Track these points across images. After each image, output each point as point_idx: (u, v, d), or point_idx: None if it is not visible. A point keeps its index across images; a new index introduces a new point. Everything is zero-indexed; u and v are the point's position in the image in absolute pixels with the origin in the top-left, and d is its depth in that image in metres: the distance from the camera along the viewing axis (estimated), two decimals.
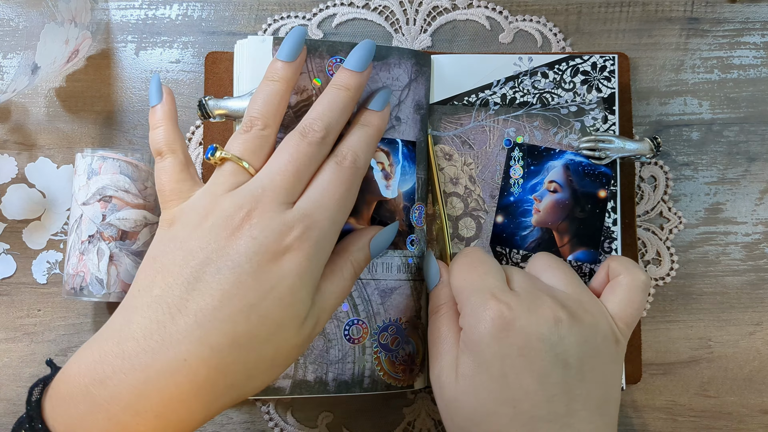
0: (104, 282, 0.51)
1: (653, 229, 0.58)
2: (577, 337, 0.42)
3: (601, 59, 0.55)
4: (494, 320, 0.42)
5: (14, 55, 0.59)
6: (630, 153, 0.53)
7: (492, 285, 0.44)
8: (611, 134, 0.54)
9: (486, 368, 0.42)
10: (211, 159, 0.43)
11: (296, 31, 0.46)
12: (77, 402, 0.37)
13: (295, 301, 0.41)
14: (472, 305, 0.44)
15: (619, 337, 0.45)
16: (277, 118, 0.45)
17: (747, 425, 0.57)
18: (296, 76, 0.47)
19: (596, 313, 0.45)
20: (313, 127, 0.44)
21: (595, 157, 0.54)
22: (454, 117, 0.54)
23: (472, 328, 0.43)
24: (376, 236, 0.48)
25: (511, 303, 0.43)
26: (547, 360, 0.41)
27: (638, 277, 0.46)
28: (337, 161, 0.44)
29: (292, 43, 0.46)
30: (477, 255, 0.48)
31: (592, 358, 0.43)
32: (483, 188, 0.54)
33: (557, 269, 0.47)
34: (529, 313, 0.42)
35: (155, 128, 0.45)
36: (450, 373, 0.44)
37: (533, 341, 0.42)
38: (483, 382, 0.42)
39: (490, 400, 0.42)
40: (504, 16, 0.59)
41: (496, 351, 0.42)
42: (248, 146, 0.43)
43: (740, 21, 0.60)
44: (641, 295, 0.46)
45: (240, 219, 0.40)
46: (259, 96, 0.45)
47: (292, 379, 0.51)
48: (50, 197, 0.58)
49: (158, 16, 0.59)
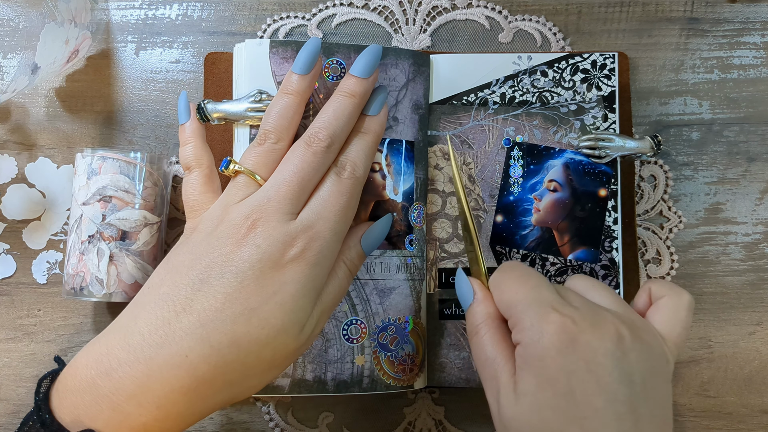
0: (104, 282, 0.51)
1: (653, 228, 0.58)
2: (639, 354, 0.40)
3: (601, 57, 0.55)
4: (559, 334, 0.40)
5: (14, 55, 0.59)
6: (630, 151, 0.53)
7: (549, 298, 0.42)
8: (611, 133, 0.54)
9: (550, 384, 0.39)
10: (225, 172, 0.45)
11: (312, 42, 0.47)
12: (83, 393, 0.39)
13: (297, 308, 0.42)
14: (532, 319, 0.41)
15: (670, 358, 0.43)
16: (290, 132, 0.46)
17: (747, 425, 0.57)
18: (311, 88, 0.48)
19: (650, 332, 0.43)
20: (318, 136, 0.45)
21: (595, 155, 0.54)
22: (453, 116, 0.54)
23: (534, 343, 0.40)
24: (366, 232, 0.49)
25: (574, 316, 0.40)
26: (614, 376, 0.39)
27: (684, 297, 0.45)
28: (337, 172, 0.46)
29: (307, 56, 0.47)
30: (522, 268, 0.46)
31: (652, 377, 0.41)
32: (482, 188, 0.54)
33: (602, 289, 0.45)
34: (593, 328, 0.40)
35: (185, 144, 0.48)
36: (508, 392, 0.41)
37: (599, 356, 0.39)
38: (547, 400, 0.39)
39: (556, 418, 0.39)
40: (503, 16, 0.59)
41: (562, 366, 0.39)
42: (261, 159, 0.45)
43: (740, 21, 0.60)
44: (688, 315, 0.44)
45: (246, 228, 0.42)
46: (274, 109, 0.46)
47: (291, 378, 0.51)
48: (50, 197, 0.58)
49: (158, 16, 0.59)
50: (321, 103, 0.51)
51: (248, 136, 0.51)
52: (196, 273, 0.41)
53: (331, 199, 0.45)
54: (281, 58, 0.51)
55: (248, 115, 0.50)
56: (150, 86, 0.59)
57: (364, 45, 0.50)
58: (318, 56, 0.47)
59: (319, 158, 0.45)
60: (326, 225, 0.44)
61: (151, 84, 0.59)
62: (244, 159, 0.46)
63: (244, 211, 0.43)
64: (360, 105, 0.47)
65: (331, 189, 0.45)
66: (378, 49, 0.47)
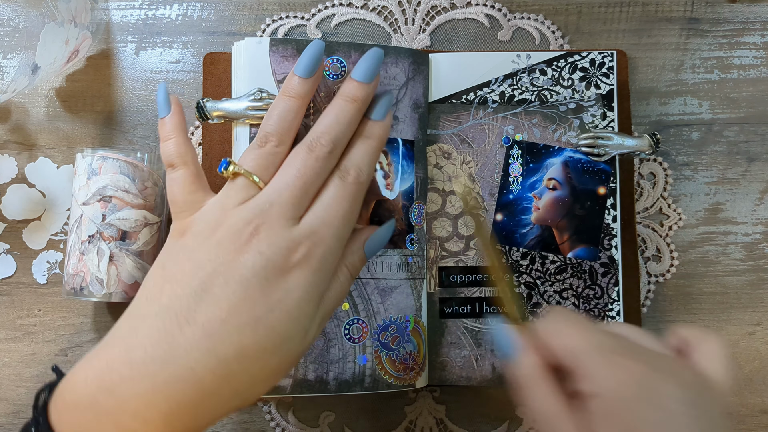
0: (104, 282, 0.51)
1: (653, 225, 0.58)
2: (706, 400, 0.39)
3: (600, 56, 0.55)
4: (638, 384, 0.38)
5: (14, 55, 0.59)
6: (629, 149, 0.53)
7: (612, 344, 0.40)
8: (610, 131, 0.54)
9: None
10: (224, 173, 0.43)
11: (315, 45, 0.46)
12: (84, 410, 0.38)
13: (301, 315, 0.41)
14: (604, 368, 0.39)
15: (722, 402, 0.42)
16: (291, 134, 0.45)
17: (747, 425, 0.57)
18: (313, 91, 0.47)
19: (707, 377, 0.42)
20: (320, 141, 0.44)
21: (594, 153, 0.54)
22: (452, 115, 0.54)
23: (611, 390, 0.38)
24: (370, 237, 0.48)
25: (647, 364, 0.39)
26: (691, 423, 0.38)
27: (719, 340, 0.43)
28: (341, 176, 0.45)
29: (309, 59, 0.46)
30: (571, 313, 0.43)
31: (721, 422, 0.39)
32: (482, 186, 0.54)
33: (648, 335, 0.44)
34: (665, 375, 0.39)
35: (166, 140, 0.45)
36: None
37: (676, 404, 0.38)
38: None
39: None
40: (503, 14, 0.59)
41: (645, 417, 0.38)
42: (261, 162, 0.44)
43: (740, 21, 0.60)
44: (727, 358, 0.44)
45: (248, 234, 0.41)
46: (275, 111, 0.45)
47: (292, 378, 0.51)
48: (50, 197, 0.58)
49: (158, 16, 0.59)
50: (321, 102, 0.51)
51: (248, 135, 0.51)
52: (198, 282, 0.40)
53: (335, 204, 0.44)
54: (281, 56, 0.51)
55: (248, 113, 0.50)
56: (150, 86, 0.59)
57: (365, 44, 0.50)
58: (321, 59, 0.46)
59: (321, 163, 0.44)
60: (330, 230, 0.43)
61: (151, 84, 0.59)
62: (243, 160, 0.44)
63: (246, 215, 0.42)
64: (361, 110, 0.47)
65: (335, 194, 0.44)
66: (379, 53, 0.47)
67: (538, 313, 0.54)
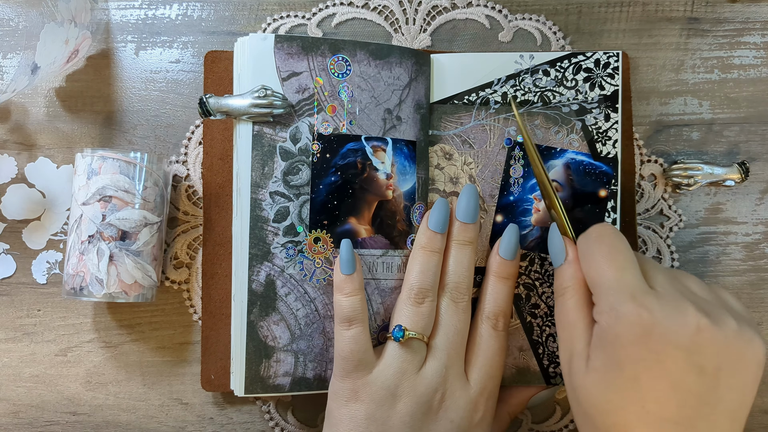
0: (104, 282, 0.51)
1: (654, 227, 0.58)
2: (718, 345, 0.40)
3: (605, 56, 0.54)
4: (633, 325, 0.40)
5: (14, 55, 0.59)
6: (718, 178, 0.56)
7: (631, 284, 0.42)
8: (697, 160, 0.57)
9: (618, 368, 0.41)
10: (401, 341, 0.48)
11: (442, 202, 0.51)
12: None
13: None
14: (610, 304, 0.42)
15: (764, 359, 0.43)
16: (437, 286, 0.50)
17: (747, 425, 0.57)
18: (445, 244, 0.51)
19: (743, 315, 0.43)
20: (459, 290, 0.50)
21: (683, 183, 0.56)
22: (454, 116, 0.54)
23: (609, 327, 0.42)
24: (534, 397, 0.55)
25: (652, 307, 0.41)
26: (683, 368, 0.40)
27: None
28: (493, 326, 0.51)
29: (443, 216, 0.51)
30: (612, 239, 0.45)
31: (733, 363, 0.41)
32: (483, 187, 0.54)
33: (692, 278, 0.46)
34: (669, 320, 0.40)
35: (350, 296, 0.48)
36: (580, 361, 0.44)
37: (671, 349, 0.40)
38: (613, 380, 0.41)
39: (619, 397, 0.41)
40: (503, 15, 0.59)
41: (632, 355, 0.41)
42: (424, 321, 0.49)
43: (740, 21, 0.60)
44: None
45: (437, 403, 0.48)
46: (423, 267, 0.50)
47: (291, 377, 0.51)
48: (50, 197, 0.58)
49: (158, 16, 0.59)
50: (325, 101, 0.51)
51: (251, 132, 0.50)
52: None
53: (496, 358, 0.50)
54: (286, 53, 0.51)
55: (252, 111, 0.50)
56: (150, 86, 0.58)
57: (370, 42, 0.51)
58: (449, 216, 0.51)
59: (467, 313, 0.50)
60: (495, 382, 0.50)
61: (151, 84, 0.58)
62: (405, 320, 0.49)
63: (432, 384, 0.48)
64: (476, 248, 0.52)
65: (492, 346, 0.50)
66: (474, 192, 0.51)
67: (536, 314, 0.54)
